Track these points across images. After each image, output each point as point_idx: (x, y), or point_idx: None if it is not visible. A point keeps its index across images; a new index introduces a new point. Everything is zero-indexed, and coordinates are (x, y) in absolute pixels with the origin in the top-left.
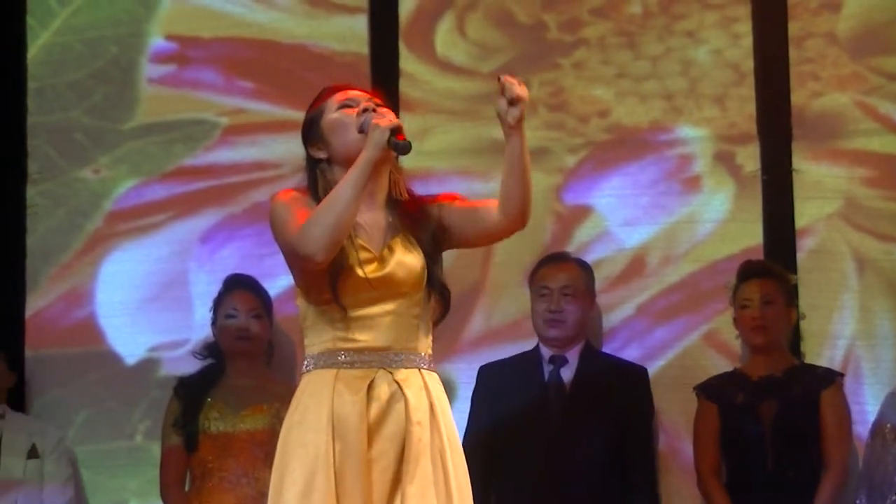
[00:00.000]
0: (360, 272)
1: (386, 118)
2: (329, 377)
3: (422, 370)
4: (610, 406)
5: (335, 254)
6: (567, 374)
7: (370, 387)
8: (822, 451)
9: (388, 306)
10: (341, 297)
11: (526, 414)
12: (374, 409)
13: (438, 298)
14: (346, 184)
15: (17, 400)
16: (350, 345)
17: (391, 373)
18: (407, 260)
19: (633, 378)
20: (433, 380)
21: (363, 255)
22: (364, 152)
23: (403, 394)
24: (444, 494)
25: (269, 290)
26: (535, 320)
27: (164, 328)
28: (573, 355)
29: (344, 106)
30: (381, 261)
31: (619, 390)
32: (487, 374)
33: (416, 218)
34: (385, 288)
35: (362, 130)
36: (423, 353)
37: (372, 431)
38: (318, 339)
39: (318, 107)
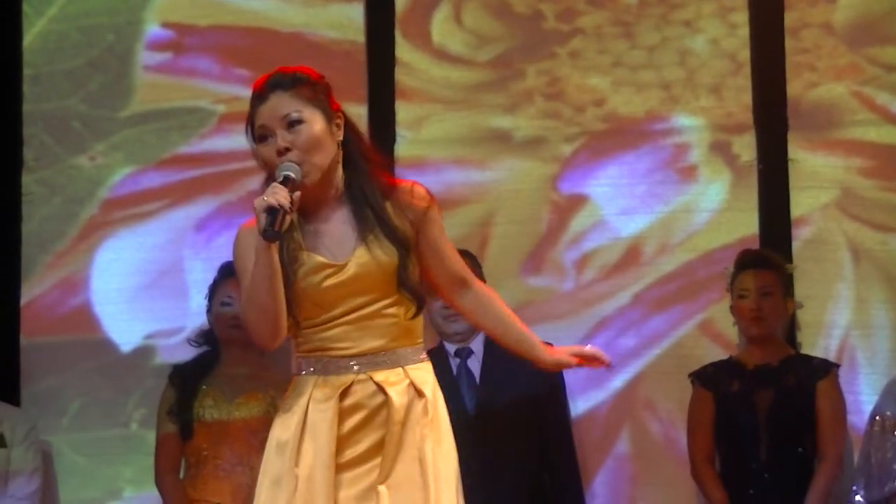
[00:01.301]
0: (322, 286)
1: (267, 196)
2: (310, 383)
3: (406, 368)
4: (521, 388)
5: (285, 329)
6: (475, 364)
7: (346, 393)
8: (816, 441)
9: (362, 311)
10: (305, 316)
11: None
12: (350, 414)
13: (409, 298)
14: (254, 279)
15: (12, 388)
16: (329, 353)
17: (371, 376)
18: (374, 262)
19: None
20: (420, 374)
21: (325, 271)
22: (257, 240)
23: (385, 394)
24: (421, 491)
25: None
26: (434, 318)
27: (160, 316)
28: (477, 345)
29: (262, 138)
30: (346, 270)
31: (528, 370)
32: None
33: (384, 213)
34: (354, 296)
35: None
36: (407, 350)
37: (347, 437)
38: (302, 345)
39: (249, 119)
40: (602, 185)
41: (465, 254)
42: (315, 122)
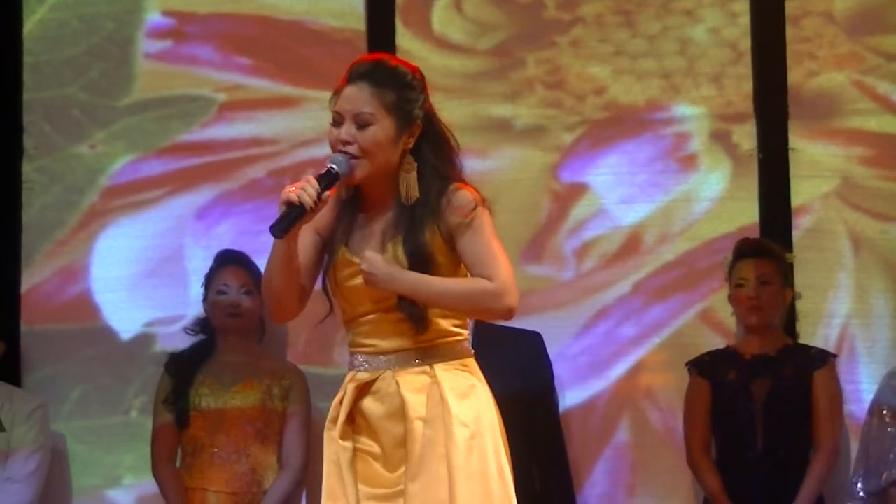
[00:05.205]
0: (344, 284)
1: (295, 187)
2: (346, 378)
3: (436, 366)
4: (510, 383)
5: (292, 311)
6: None
7: (367, 390)
8: (812, 431)
9: (384, 311)
10: (341, 310)
11: None
12: (370, 410)
13: (406, 315)
14: (269, 261)
15: (12, 376)
16: (359, 349)
17: (395, 374)
18: None
19: (528, 344)
20: (447, 372)
21: (349, 268)
22: None
23: (401, 394)
24: (446, 490)
25: (262, 267)
26: None
27: (160, 304)
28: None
29: (334, 120)
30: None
31: (516, 358)
32: None
33: (417, 222)
34: (376, 295)
35: None
36: (434, 348)
37: (372, 435)
38: (348, 339)
39: (336, 91)
40: (602, 174)
41: None
42: (384, 129)
